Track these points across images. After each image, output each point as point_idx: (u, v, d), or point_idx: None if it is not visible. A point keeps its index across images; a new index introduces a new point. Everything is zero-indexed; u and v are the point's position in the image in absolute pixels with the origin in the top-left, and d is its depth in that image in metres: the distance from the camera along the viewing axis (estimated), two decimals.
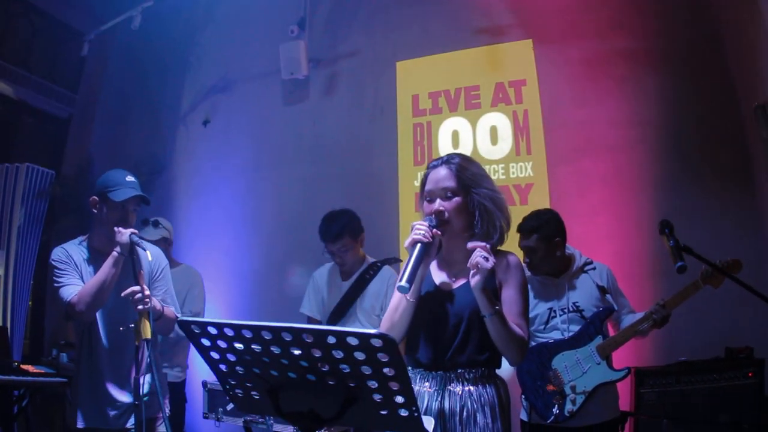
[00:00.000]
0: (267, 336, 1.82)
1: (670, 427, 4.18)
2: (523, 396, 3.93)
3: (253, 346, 1.88)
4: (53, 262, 3.60)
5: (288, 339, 1.79)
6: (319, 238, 4.65)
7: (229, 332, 1.88)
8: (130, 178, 3.67)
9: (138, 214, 3.77)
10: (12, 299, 6.30)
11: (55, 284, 3.57)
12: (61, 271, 3.57)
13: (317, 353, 1.79)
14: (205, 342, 1.97)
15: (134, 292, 3.34)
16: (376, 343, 1.70)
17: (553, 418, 3.75)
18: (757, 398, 4.18)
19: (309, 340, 1.76)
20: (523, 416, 3.97)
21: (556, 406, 3.75)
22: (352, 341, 1.72)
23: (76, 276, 3.57)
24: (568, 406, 3.74)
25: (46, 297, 7.29)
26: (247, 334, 1.85)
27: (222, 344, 1.95)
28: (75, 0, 7.31)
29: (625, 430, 3.93)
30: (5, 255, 6.35)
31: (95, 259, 3.60)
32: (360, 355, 1.75)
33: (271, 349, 1.85)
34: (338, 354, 1.77)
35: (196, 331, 1.96)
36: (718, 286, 3.70)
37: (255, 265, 6.74)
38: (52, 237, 7.18)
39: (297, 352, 1.82)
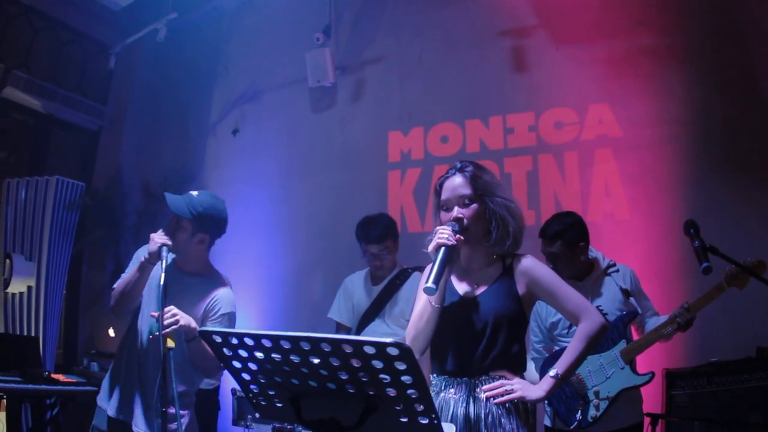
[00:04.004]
0: (286, 345, 1.82)
1: (701, 428, 4.12)
2: (546, 401, 3.88)
3: (273, 356, 1.89)
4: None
5: (306, 348, 1.79)
6: (356, 241, 4.68)
7: (250, 342, 1.89)
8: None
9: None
10: (44, 310, 6.38)
11: None
12: (128, 267, 3.63)
13: (336, 362, 1.80)
14: (227, 352, 1.99)
15: (161, 315, 3.34)
16: (393, 351, 1.70)
17: (576, 423, 3.69)
18: None
19: (327, 349, 1.77)
20: (547, 422, 3.93)
21: (579, 411, 3.70)
22: (369, 350, 1.72)
23: None
24: (592, 412, 3.67)
25: (79, 307, 7.39)
26: (267, 344, 1.86)
27: (243, 354, 1.96)
28: (100, 14, 7.41)
29: None
30: (36, 267, 6.43)
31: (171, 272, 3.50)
32: (377, 364, 1.75)
33: (291, 358, 1.85)
34: (356, 363, 1.77)
35: (217, 341, 1.97)
36: (743, 288, 3.64)
37: (287, 272, 6.76)
38: (84, 248, 7.28)
39: (316, 360, 1.82)
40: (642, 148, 5.44)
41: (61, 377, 5.22)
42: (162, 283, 3.26)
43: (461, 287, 2.79)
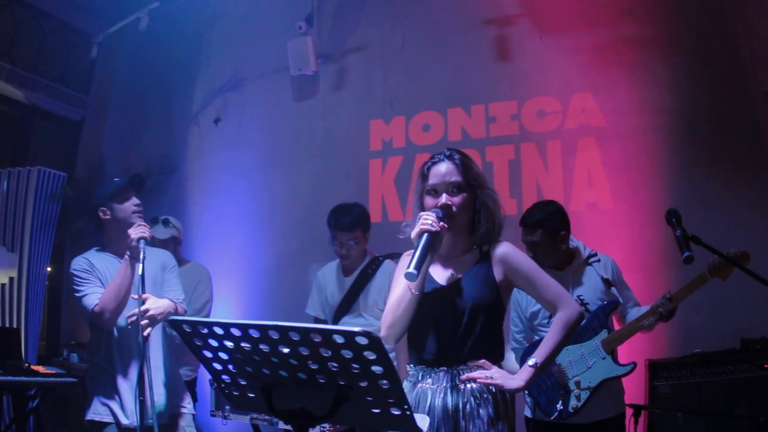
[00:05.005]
0: (255, 334, 1.80)
1: (684, 420, 4.12)
2: (526, 392, 3.84)
3: (242, 345, 1.87)
4: (73, 272, 3.66)
5: (275, 337, 1.78)
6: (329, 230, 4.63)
7: (219, 331, 1.88)
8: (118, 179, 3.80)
9: (149, 213, 3.79)
10: (26, 301, 6.32)
11: (77, 294, 3.64)
12: (82, 280, 3.63)
13: (305, 351, 1.78)
14: (197, 341, 1.97)
15: (134, 315, 3.41)
16: (362, 341, 1.68)
17: (556, 414, 3.67)
18: None
19: (296, 338, 1.75)
20: (527, 413, 3.90)
21: (560, 401, 3.68)
22: (338, 339, 1.71)
23: (98, 284, 3.63)
24: (573, 402, 3.65)
25: (61, 299, 7.34)
26: (236, 333, 1.84)
27: (213, 343, 1.94)
28: (83, 3, 7.34)
29: (639, 423, 3.86)
30: (18, 258, 6.37)
31: (116, 263, 3.65)
32: (347, 353, 1.74)
33: (260, 347, 1.84)
34: (326, 352, 1.76)
35: (187, 330, 1.95)
36: (726, 278, 3.61)
37: (268, 261, 6.72)
38: (66, 239, 7.22)
39: (285, 350, 1.81)
40: (625, 138, 5.43)
41: (41, 369, 5.18)
42: (141, 273, 3.39)
43: (439, 274, 2.77)
